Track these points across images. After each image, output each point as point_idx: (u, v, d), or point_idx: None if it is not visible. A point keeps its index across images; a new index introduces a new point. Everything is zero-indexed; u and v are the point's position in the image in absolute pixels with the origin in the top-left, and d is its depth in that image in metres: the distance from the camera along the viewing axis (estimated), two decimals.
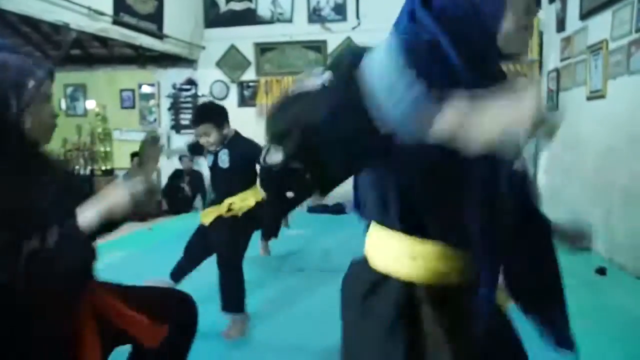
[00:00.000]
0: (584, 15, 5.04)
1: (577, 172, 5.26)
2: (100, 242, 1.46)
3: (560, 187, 5.84)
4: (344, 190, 1.05)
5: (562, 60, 5.78)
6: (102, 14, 5.38)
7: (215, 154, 2.98)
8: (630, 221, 4.08)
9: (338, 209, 7.25)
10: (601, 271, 4.07)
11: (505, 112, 0.68)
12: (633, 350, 2.71)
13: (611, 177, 4.45)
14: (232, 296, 2.89)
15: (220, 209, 2.98)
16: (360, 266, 1.03)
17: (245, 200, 2.99)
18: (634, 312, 3.24)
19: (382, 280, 0.96)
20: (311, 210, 7.25)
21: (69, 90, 8.48)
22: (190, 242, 3.30)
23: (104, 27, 5.56)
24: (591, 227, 0.94)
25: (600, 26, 4.64)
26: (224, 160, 2.98)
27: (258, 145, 2.98)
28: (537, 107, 0.67)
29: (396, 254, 0.96)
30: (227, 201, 2.98)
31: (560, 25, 5.81)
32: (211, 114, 2.95)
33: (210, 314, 2.28)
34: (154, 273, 4.01)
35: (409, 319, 0.92)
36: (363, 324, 0.96)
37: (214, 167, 3.05)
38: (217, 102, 7.85)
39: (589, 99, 4.94)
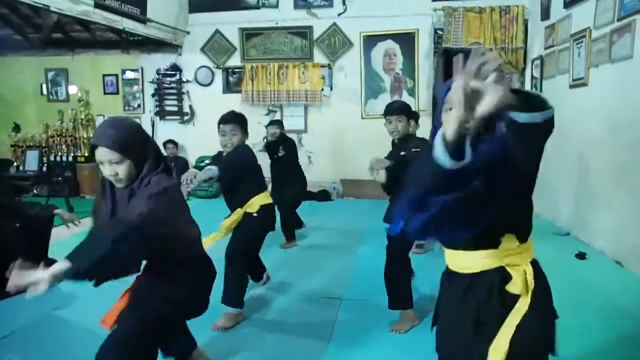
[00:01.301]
0: (568, 4, 5.08)
1: (560, 159, 5.33)
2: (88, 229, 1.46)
3: (543, 173, 5.90)
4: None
5: (546, 48, 5.83)
6: None
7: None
8: (611, 207, 4.17)
9: (324, 196, 7.29)
10: (581, 255, 4.16)
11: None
12: (611, 329, 2.79)
13: (593, 163, 4.53)
14: (228, 290, 2.94)
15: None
16: (452, 276, 1.41)
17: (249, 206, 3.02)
18: (610, 294, 3.33)
19: (474, 277, 1.33)
20: None
21: (50, 74, 8.32)
22: None
23: (86, 10, 5.44)
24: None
25: (584, 14, 4.69)
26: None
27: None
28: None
29: (480, 264, 1.32)
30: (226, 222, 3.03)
31: (545, 14, 5.85)
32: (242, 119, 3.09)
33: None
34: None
35: (499, 296, 1.30)
36: (464, 307, 1.33)
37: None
38: (201, 88, 7.80)
39: (571, 86, 5.00)
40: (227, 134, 2.95)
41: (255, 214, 3.00)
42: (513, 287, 1.31)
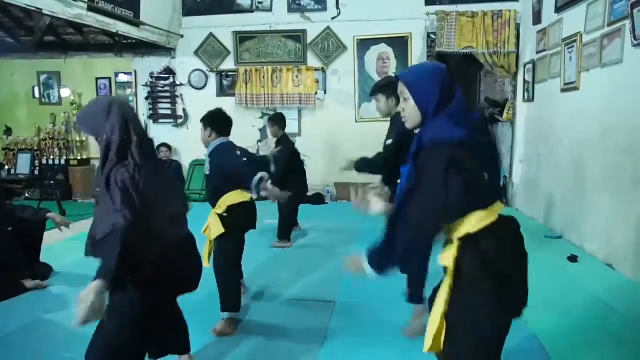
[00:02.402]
0: (559, 8, 5.13)
1: (552, 162, 5.38)
2: (80, 232, 1.45)
3: (536, 176, 5.97)
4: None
5: (538, 52, 5.88)
6: None
7: None
8: (602, 210, 4.20)
9: (318, 199, 7.31)
10: (573, 258, 4.19)
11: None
12: (601, 329, 2.81)
13: (584, 166, 4.57)
14: (223, 297, 2.94)
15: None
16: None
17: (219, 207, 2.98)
18: (601, 295, 3.35)
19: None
20: None
21: (43, 77, 8.28)
22: None
23: (79, 13, 5.42)
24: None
25: (575, 19, 4.74)
26: (206, 167, 3.06)
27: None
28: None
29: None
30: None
31: (537, 18, 5.90)
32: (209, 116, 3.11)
33: None
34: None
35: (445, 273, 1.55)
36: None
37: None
38: (195, 91, 7.79)
39: (563, 90, 5.05)
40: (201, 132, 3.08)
41: (224, 215, 2.94)
42: (445, 262, 1.51)
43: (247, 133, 7.51)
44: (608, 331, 2.84)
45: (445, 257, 1.50)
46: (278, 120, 5.06)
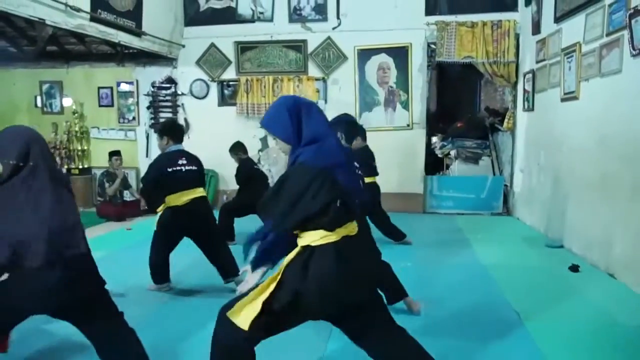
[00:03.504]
0: (558, 19, 5.16)
1: (552, 171, 5.38)
2: None
3: (536, 185, 5.98)
4: None
5: (537, 62, 5.91)
6: (79, 10, 5.30)
7: None
8: (602, 219, 4.20)
9: None
10: (574, 268, 4.17)
11: None
12: (603, 339, 2.80)
13: (584, 175, 4.57)
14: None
15: None
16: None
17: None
18: (603, 306, 3.34)
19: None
20: None
21: (45, 87, 8.32)
22: None
23: (81, 23, 5.47)
24: None
25: (574, 29, 4.77)
26: None
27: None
28: None
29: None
30: None
31: (536, 28, 5.94)
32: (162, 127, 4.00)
33: None
34: (133, 271, 4.00)
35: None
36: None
37: None
38: (197, 101, 7.83)
39: (563, 100, 5.06)
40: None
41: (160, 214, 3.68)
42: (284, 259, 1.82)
43: (248, 142, 7.51)
44: (610, 341, 2.82)
45: (287, 257, 1.80)
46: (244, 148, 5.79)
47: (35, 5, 4.76)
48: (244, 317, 1.73)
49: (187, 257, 4.09)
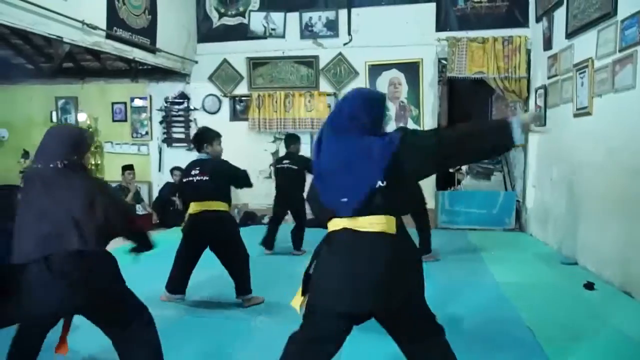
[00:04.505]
0: (570, 34, 5.16)
1: (565, 187, 5.33)
2: None
3: (549, 201, 5.92)
4: None
5: (549, 77, 5.90)
6: (95, 27, 5.41)
7: None
8: (619, 236, 4.14)
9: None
10: (589, 286, 4.11)
11: None
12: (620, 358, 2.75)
13: (598, 192, 4.52)
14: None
15: None
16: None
17: None
18: (620, 326, 3.28)
19: None
20: None
21: (61, 102, 8.47)
22: None
23: (98, 40, 5.58)
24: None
25: (586, 45, 4.76)
26: None
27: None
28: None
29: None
30: None
31: (547, 44, 5.94)
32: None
33: None
34: (144, 285, 4.00)
35: None
36: None
37: None
38: (209, 115, 7.90)
39: (575, 115, 5.03)
40: None
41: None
42: None
43: (259, 156, 7.57)
44: None
45: None
46: (298, 139, 5.86)
47: (52, 24, 4.88)
48: None
49: (209, 270, 4.04)
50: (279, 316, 3.41)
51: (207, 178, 3.62)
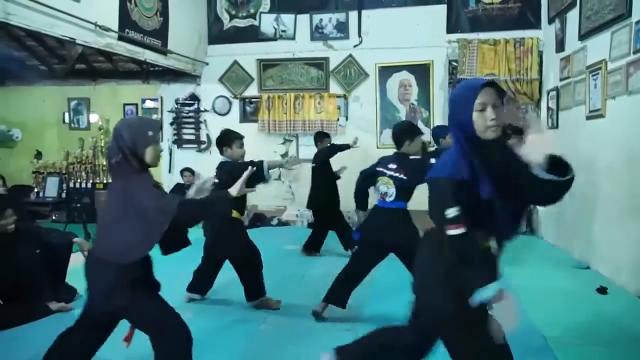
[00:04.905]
0: (583, 36, 5.11)
1: (577, 190, 5.25)
2: None
3: (562, 204, 5.84)
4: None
5: (561, 79, 5.84)
6: (108, 29, 5.45)
7: None
8: (631, 241, 4.08)
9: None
10: (602, 290, 4.05)
11: None
12: None
13: (611, 195, 4.47)
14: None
15: None
16: None
17: None
18: (635, 332, 3.23)
19: None
20: (310, 226, 7.23)
21: (73, 103, 8.55)
22: None
23: (110, 42, 5.63)
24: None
25: (599, 47, 4.70)
26: None
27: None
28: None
29: None
30: None
31: (560, 46, 5.88)
32: None
33: None
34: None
35: None
36: None
37: None
38: (219, 117, 7.93)
39: (588, 118, 4.98)
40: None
41: None
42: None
43: (269, 158, 7.55)
44: None
45: None
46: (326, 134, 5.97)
47: (66, 25, 4.93)
48: None
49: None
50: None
51: (217, 181, 3.62)
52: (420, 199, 2.59)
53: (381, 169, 3.36)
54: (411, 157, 3.31)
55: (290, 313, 3.67)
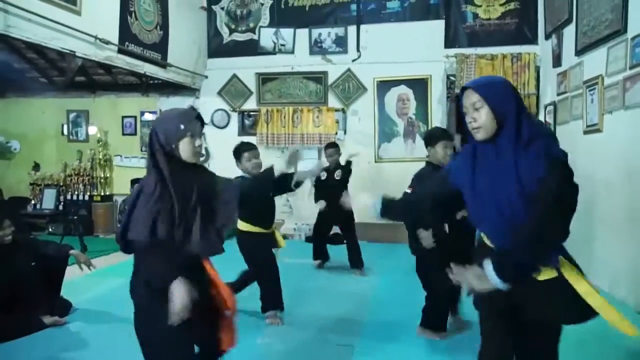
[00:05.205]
0: (580, 51, 5.15)
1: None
2: (101, 268, 1.47)
3: None
4: None
5: (558, 94, 5.88)
6: (108, 42, 5.49)
7: None
8: (629, 255, 4.07)
9: (336, 239, 7.22)
10: None
11: None
12: None
13: (608, 210, 4.47)
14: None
15: None
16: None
17: None
18: (634, 348, 3.20)
19: None
20: (308, 240, 7.21)
21: (72, 115, 8.56)
22: None
23: (110, 55, 5.66)
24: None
25: (596, 62, 4.74)
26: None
27: None
28: None
29: None
30: None
31: (557, 61, 5.93)
32: None
33: None
34: None
35: None
36: None
37: None
38: (217, 130, 7.95)
39: (585, 132, 5.00)
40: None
41: None
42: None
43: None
44: None
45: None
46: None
47: (66, 38, 4.95)
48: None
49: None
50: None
51: None
52: None
53: None
54: None
55: (289, 326, 3.64)
